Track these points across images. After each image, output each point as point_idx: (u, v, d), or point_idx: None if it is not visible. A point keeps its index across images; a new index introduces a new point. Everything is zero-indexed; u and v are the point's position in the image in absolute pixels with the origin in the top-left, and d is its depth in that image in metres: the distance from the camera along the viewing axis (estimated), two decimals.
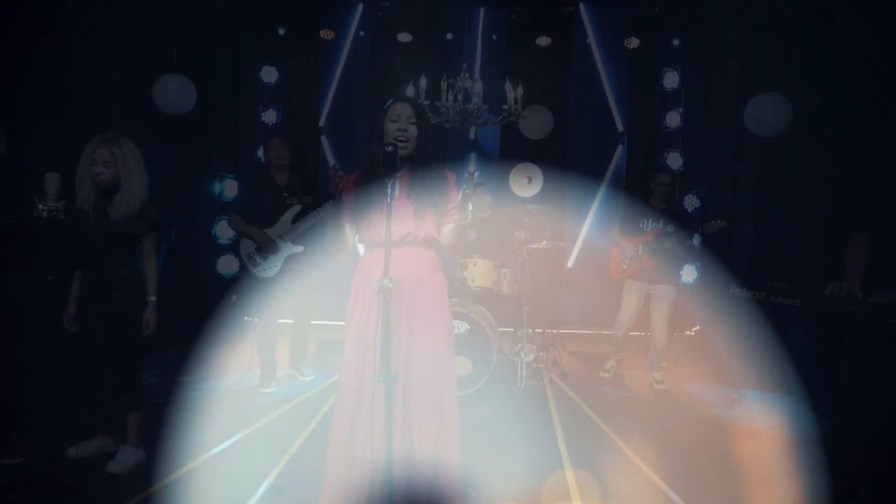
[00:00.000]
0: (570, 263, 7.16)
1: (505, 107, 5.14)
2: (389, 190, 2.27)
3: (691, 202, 6.82)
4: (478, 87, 5.37)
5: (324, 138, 7.59)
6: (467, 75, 5.25)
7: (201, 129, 6.88)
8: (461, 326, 5.06)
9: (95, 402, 3.88)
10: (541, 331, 6.04)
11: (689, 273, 6.94)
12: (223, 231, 6.96)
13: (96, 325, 3.52)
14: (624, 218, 5.59)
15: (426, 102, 5.29)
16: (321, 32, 7.61)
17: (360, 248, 2.84)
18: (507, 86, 5.06)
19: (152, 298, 3.56)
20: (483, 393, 5.02)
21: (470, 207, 2.56)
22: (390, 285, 2.13)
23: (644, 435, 4.26)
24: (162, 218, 3.56)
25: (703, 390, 5.39)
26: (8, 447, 3.59)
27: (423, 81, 5.40)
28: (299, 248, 4.97)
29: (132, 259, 3.54)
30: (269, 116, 7.45)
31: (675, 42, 7.15)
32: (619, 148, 7.35)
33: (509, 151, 7.46)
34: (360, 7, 7.53)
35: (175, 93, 5.53)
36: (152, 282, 3.57)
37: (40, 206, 3.16)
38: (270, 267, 5.02)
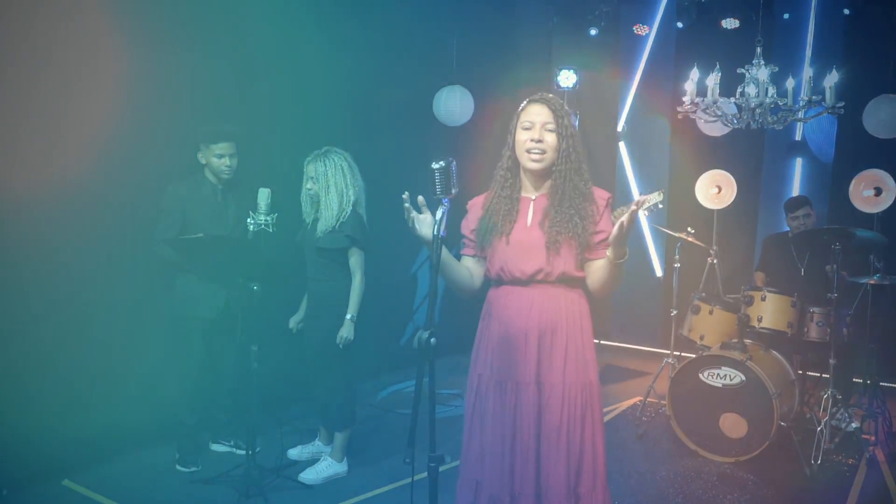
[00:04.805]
0: None
1: (813, 97, 3.95)
2: (437, 219, 1.78)
3: None
4: (804, 75, 4.23)
5: (621, 144, 6.93)
6: (761, 63, 4.15)
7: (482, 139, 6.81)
8: (734, 376, 4.08)
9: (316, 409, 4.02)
10: (869, 386, 4.53)
11: None
12: None
13: (308, 335, 3.62)
14: None
15: (723, 99, 4.40)
16: (634, 28, 7.05)
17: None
18: (806, 70, 3.88)
19: (348, 316, 3.42)
20: (755, 465, 3.97)
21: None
22: (433, 341, 1.64)
23: None
24: (359, 233, 3.42)
25: None
26: (240, 438, 3.91)
27: (716, 73, 4.48)
28: None
29: (339, 273, 3.47)
30: None
31: None
32: None
33: (848, 155, 5.89)
34: None
35: (448, 104, 5.53)
36: (353, 298, 3.44)
37: (249, 220, 3.35)
38: None
